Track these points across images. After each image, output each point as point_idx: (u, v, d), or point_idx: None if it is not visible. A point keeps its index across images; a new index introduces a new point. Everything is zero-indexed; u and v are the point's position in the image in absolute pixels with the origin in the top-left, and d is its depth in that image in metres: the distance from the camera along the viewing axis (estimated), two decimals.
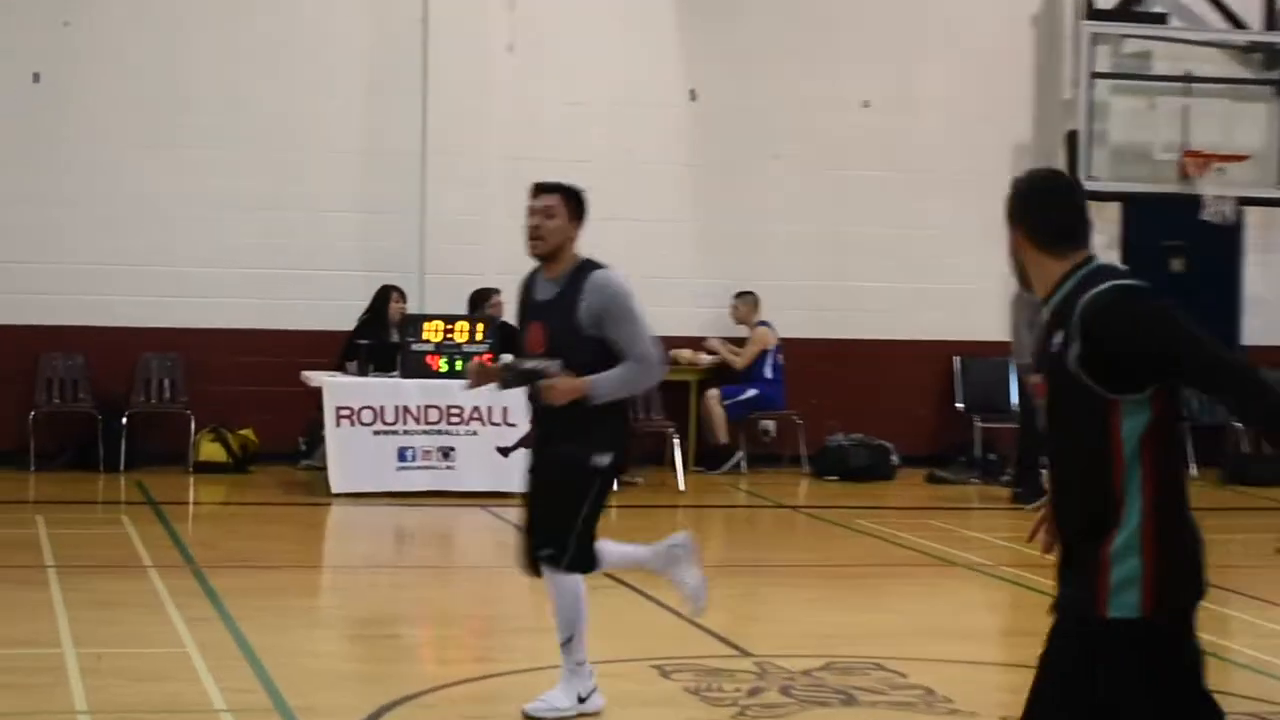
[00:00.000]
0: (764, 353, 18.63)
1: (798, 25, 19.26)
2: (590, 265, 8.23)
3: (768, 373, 18.65)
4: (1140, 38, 19.75)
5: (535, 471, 8.38)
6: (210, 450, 17.58)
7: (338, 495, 15.97)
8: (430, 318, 16.46)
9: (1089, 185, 19.33)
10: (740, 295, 18.68)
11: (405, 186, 18.22)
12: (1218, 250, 20.02)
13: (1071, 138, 19.39)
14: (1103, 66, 19.44)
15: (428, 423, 16.19)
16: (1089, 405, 4.81)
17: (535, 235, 8.21)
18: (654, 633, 10.54)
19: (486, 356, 8.18)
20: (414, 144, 18.26)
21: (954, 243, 19.43)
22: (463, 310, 17.01)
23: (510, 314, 17.61)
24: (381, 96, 18.40)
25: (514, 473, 16.06)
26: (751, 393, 18.61)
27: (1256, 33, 19.99)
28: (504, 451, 16.31)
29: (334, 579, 13.25)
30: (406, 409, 16.09)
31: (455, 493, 15.86)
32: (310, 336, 17.88)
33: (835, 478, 18.38)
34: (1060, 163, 19.48)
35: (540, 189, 8.31)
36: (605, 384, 8.05)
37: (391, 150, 18.11)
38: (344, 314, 17.43)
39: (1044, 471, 16.79)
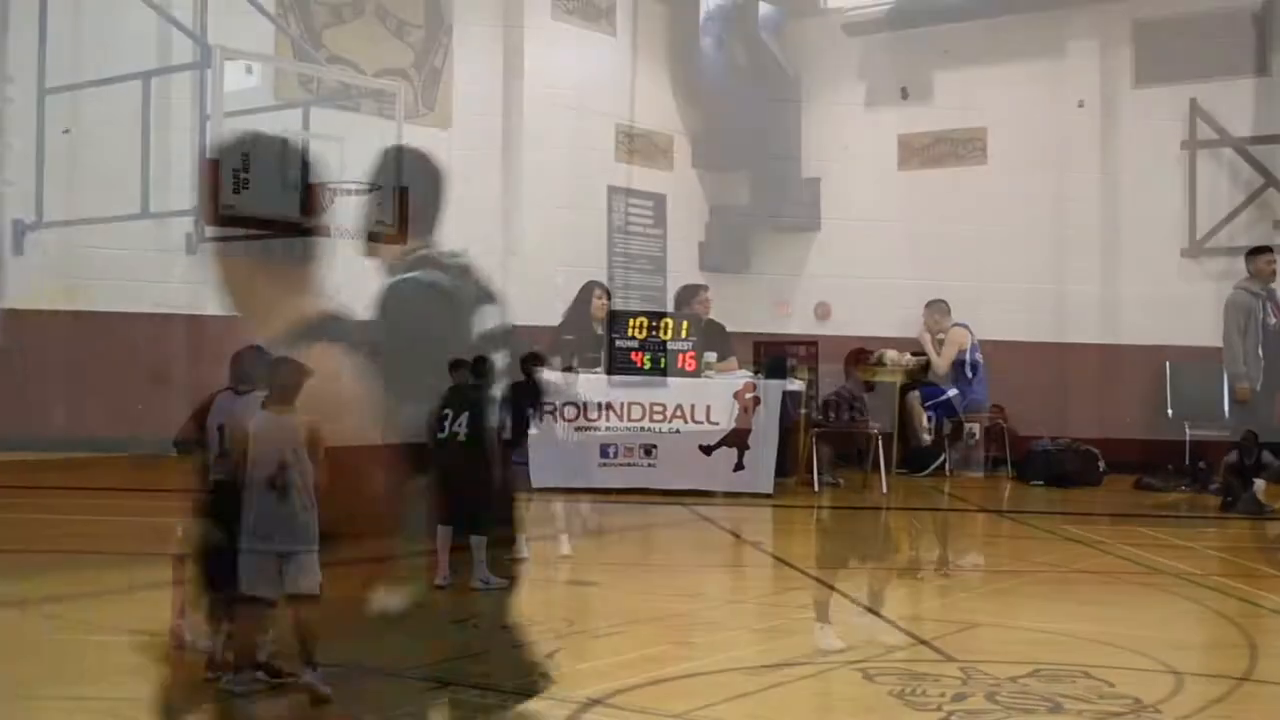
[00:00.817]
0: (962, 353, 18.44)
1: (1010, 23, 19.03)
2: None
3: (967, 373, 18.45)
4: None
5: None
6: None
7: (538, 490, 16.02)
8: (635, 314, 16.45)
9: None
10: (931, 304, 18.51)
11: (601, 182, 18.23)
12: None
13: None
14: None
15: (630, 420, 16.18)
16: None
17: None
18: (856, 635, 10.44)
19: None
20: (608, 142, 18.28)
21: (1168, 246, 19.11)
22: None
23: (717, 312, 17.67)
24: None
25: (716, 471, 16.27)
26: (952, 393, 18.42)
27: None
28: (706, 450, 16.48)
29: (529, 573, 13.26)
30: (609, 405, 16.10)
31: (656, 490, 15.85)
32: (515, 331, 17.88)
33: (1040, 482, 18.16)
34: None
35: None
36: None
37: (586, 149, 18.14)
38: (548, 310, 17.46)
39: (1259, 483, 16.72)
